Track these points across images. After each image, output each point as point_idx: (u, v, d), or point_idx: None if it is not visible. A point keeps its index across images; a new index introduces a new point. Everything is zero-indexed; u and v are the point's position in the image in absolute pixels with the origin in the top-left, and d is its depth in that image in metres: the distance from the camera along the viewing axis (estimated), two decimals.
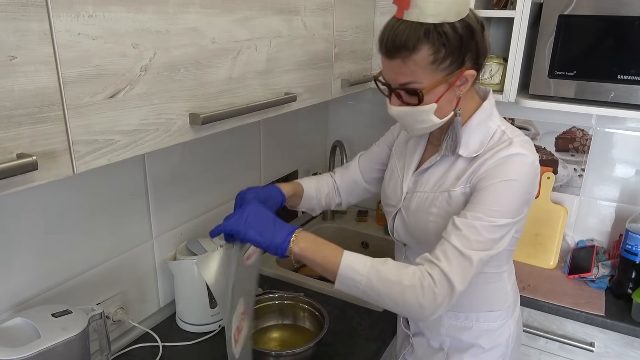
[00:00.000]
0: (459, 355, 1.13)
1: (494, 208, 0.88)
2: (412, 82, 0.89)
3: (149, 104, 0.77)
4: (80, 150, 0.68)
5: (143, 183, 1.21)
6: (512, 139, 0.94)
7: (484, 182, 0.91)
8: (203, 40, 0.86)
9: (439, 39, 0.86)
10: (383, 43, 0.90)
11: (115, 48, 0.70)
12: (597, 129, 1.65)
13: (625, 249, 1.49)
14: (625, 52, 1.30)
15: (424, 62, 0.87)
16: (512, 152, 0.91)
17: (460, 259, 0.86)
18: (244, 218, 0.92)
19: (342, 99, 2.05)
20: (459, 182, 0.97)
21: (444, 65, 0.88)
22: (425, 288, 0.85)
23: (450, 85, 0.91)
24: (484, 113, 0.98)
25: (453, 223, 0.89)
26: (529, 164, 0.92)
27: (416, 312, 0.87)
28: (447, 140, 0.97)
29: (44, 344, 0.85)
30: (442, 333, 1.13)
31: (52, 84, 0.63)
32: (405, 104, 0.93)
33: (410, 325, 1.20)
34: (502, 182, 0.89)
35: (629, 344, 1.42)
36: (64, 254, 1.05)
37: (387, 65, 0.91)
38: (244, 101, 0.99)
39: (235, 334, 0.96)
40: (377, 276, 0.86)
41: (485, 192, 0.90)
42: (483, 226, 0.87)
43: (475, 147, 0.96)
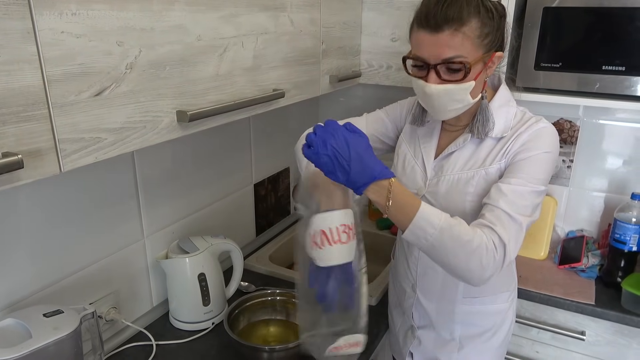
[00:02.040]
0: (471, 343, 1.15)
1: (535, 176, 0.93)
2: (459, 55, 0.89)
3: (135, 101, 0.78)
4: (66, 149, 0.68)
5: (133, 182, 1.21)
6: (535, 116, 1.01)
7: (523, 154, 0.95)
8: (189, 38, 0.86)
9: (486, 14, 0.89)
10: (430, 16, 0.89)
11: (99, 46, 0.70)
12: (585, 120, 1.67)
13: (614, 238, 1.51)
14: (609, 43, 1.32)
15: (473, 35, 0.89)
16: (542, 125, 0.98)
17: (512, 224, 0.88)
18: (324, 140, 0.80)
19: (333, 95, 2.05)
20: (494, 159, 0.99)
21: (487, 41, 0.91)
22: (489, 251, 0.86)
23: (485, 64, 0.94)
24: (504, 96, 1.03)
25: (498, 189, 0.92)
26: (556, 137, 0.99)
27: (474, 272, 0.86)
28: (477, 123, 1.00)
29: (36, 344, 0.85)
30: (454, 321, 1.14)
31: (36, 83, 0.63)
32: (445, 81, 0.92)
33: (415, 317, 1.19)
34: (541, 153, 0.95)
35: (619, 332, 1.44)
36: (55, 254, 1.05)
37: (429, 41, 0.90)
38: (231, 98, 0.99)
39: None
40: (450, 232, 0.84)
41: (526, 163, 0.94)
42: (527, 191, 0.91)
43: (501, 128, 1.00)
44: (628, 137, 1.63)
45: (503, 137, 1.00)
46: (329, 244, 0.86)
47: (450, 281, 1.11)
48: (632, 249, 1.48)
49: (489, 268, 0.86)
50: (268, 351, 1.11)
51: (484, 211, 0.91)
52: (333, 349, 0.91)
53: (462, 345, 1.15)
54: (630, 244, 1.47)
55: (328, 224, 0.87)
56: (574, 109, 1.66)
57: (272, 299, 1.30)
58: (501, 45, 0.96)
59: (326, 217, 0.87)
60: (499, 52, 0.95)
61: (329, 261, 0.87)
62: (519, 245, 0.89)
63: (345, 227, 0.87)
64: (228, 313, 1.19)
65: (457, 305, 1.12)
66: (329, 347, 0.91)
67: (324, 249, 0.87)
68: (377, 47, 1.57)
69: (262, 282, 1.52)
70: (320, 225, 0.86)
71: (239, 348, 1.14)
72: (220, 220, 1.54)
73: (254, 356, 1.13)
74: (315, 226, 0.86)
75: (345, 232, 0.87)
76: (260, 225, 1.77)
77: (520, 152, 0.96)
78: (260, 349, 1.12)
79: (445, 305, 1.13)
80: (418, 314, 1.19)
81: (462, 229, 0.85)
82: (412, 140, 1.14)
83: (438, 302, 1.14)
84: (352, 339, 0.92)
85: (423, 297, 1.16)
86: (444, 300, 1.13)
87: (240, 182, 1.63)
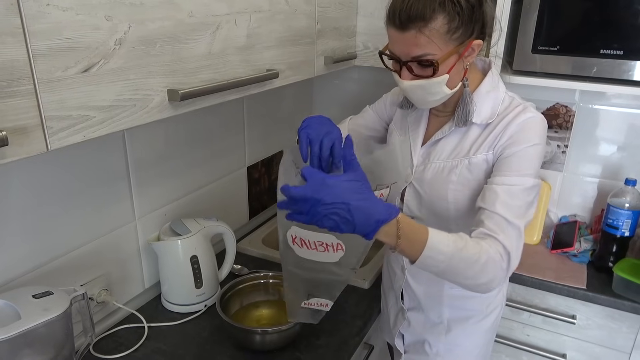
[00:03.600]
0: (460, 326, 1.15)
1: (524, 172, 0.92)
2: (426, 53, 0.89)
3: (124, 79, 0.75)
4: (53, 126, 0.66)
5: (124, 163, 1.19)
6: (523, 103, 0.99)
7: (511, 148, 0.94)
8: (180, 14, 0.84)
9: (453, 8, 0.87)
10: (396, 15, 0.88)
11: (87, 20, 0.68)
12: (581, 105, 1.66)
13: (606, 223, 1.51)
14: (608, 26, 1.30)
15: (439, 32, 0.87)
16: (529, 115, 0.95)
17: (512, 230, 0.88)
18: (313, 202, 0.73)
19: (327, 78, 2.03)
20: (479, 148, 0.99)
21: (457, 34, 0.89)
22: (497, 263, 0.86)
23: (460, 55, 0.92)
24: (492, 81, 1.01)
25: (492, 191, 0.91)
26: (544, 126, 0.97)
27: (483, 286, 0.87)
28: (457, 111, 0.99)
29: (25, 325, 0.84)
30: (443, 304, 1.14)
31: (21, 57, 0.61)
32: (417, 77, 0.92)
33: (405, 299, 1.20)
34: (530, 147, 0.93)
35: (609, 316, 1.45)
36: (44, 235, 1.04)
37: (398, 39, 0.90)
38: (224, 77, 0.97)
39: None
40: (459, 256, 0.83)
41: (515, 158, 0.93)
42: (520, 190, 0.90)
43: (488, 114, 0.99)
44: (623, 123, 1.63)
45: (490, 123, 0.99)
46: (307, 248, 0.92)
47: None
48: (625, 234, 1.48)
49: (496, 279, 0.87)
50: (260, 333, 1.10)
51: (482, 217, 0.90)
52: (306, 303, 1.03)
53: (450, 328, 1.16)
54: (623, 229, 1.48)
55: (307, 237, 0.91)
56: (570, 93, 1.66)
57: (264, 282, 1.29)
58: (481, 32, 0.93)
59: (304, 232, 0.90)
60: (478, 40, 0.92)
61: (304, 256, 0.93)
62: (520, 251, 0.89)
63: (323, 243, 0.91)
64: (220, 295, 1.19)
65: (445, 289, 1.13)
66: (303, 302, 1.03)
67: (302, 248, 0.93)
68: (373, 28, 1.55)
69: (254, 265, 1.51)
70: (300, 234, 0.90)
71: (232, 330, 1.13)
72: (213, 203, 1.53)
73: (247, 338, 1.12)
74: (294, 232, 0.90)
75: (323, 246, 0.91)
76: (253, 208, 1.76)
77: (508, 147, 0.94)
78: (252, 331, 1.11)
79: (434, 287, 1.14)
80: (408, 295, 1.19)
81: (470, 249, 0.84)
82: (403, 127, 1.14)
83: (427, 285, 1.15)
84: (322, 301, 1.04)
85: (412, 279, 1.16)
86: (432, 282, 1.13)
87: (234, 164, 1.61)
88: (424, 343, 1.19)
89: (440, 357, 1.18)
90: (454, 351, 1.17)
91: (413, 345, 1.22)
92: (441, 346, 1.17)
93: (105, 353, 1.12)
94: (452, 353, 1.17)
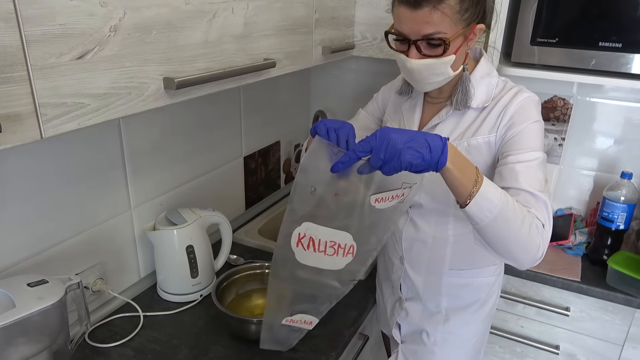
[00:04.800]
0: (457, 315, 1.16)
1: (533, 146, 0.94)
2: (438, 32, 0.90)
3: (120, 66, 0.75)
4: (47, 114, 0.66)
5: (120, 151, 1.18)
6: (517, 86, 1.02)
7: (515, 128, 0.96)
8: (176, 1, 0.82)
9: None
10: None
11: (81, 6, 0.67)
12: (578, 98, 1.66)
13: (602, 216, 1.52)
14: (607, 19, 1.29)
15: (452, 11, 0.89)
16: (526, 95, 0.99)
17: (541, 204, 0.88)
18: (388, 140, 0.76)
19: (325, 68, 2.02)
20: (477, 131, 1.00)
21: (466, 15, 0.91)
22: (539, 229, 0.85)
23: (465, 38, 0.94)
24: (485, 67, 1.04)
25: (512, 170, 0.91)
26: (539, 105, 1.01)
27: (531, 251, 0.84)
28: (456, 95, 1.01)
29: (19, 313, 0.83)
30: (441, 293, 1.15)
31: (14, 43, 0.60)
32: (425, 56, 0.93)
33: (403, 289, 1.21)
34: (532, 123, 0.96)
35: (603, 308, 1.46)
36: (39, 224, 1.03)
37: (409, 17, 0.91)
38: (221, 66, 0.96)
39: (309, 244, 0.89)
40: (513, 204, 0.82)
41: (521, 136, 0.95)
42: (536, 164, 0.92)
43: (483, 98, 1.01)
44: (620, 116, 1.63)
45: (485, 107, 1.01)
46: (313, 250, 0.89)
47: (437, 253, 1.12)
48: (620, 227, 1.49)
49: (541, 247, 0.85)
50: (256, 323, 1.10)
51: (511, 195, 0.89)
52: (288, 320, 0.98)
53: (448, 318, 1.16)
54: (618, 222, 1.49)
55: (319, 235, 0.88)
56: (568, 86, 1.65)
57: (260, 272, 1.29)
58: (483, 17, 0.97)
59: (319, 228, 0.87)
60: (480, 24, 0.96)
61: (306, 262, 0.90)
62: (552, 225, 0.89)
63: (335, 244, 0.88)
64: (216, 285, 1.19)
65: (443, 278, 1.13)
66: (285, 318, 0.98)
67: (307, 251, 0.89)
68: (371, 18, 1.54)
69: (251, 255, 1.51)
70: (312, 231, 0.87)
71: (227, 320, 1.14)
72: (210, 193, 1.53)
73: (242, 328, 1.13)
74: (305, 229, 0.87)
75: (333, 248, 0.88)
76: (249, 198, 1.76)
77: (511, 127, 0.97)
78: (247, 320, 1.12)
79: (432, 277, 1.14)
80: (406, 286, 1.20)
81: (517, 204, 0.83)
82: (396, 115, 1.15)
83: (425, 275, 1.15)
84: (307, 318, 0.99)
85: (411, 269, 1.16)
86: (431, 272, 1.14)
87: (231, 154, 1.60)
88: (422, 333, 1.20)
89: (438, 347, 1.18)
90: (452, 340, 1.18)
91: (410, 335, 1.23)
92: (439, 335, 1.18)
93: (101, 342, 1.12)
94: (449, 342, 1.18)
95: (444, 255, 1.11)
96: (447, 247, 1.10)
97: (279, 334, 1.03)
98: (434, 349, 1.19)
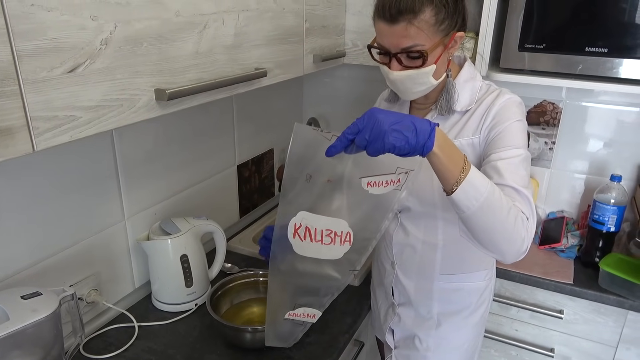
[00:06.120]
0: (449, 320, 1.17)
1: (516, 143, 0.95)
2: (416, 44, 0.92)
3: (111, 79, 0.75)
4: (39, 127, 0.66)
5: (113, 162, 1.18)
6: (499, 88, 1.04)
7: (498, 127, 0.98)
8: (167, 13, 0.83)
9: (440, 1, 0.91)
10: (386, 9, 0.91)
11: (72, 20, 0.68)
12: (567, 102, 1.68)
13: (593, 219, 1.53)
14: (592, 24, 1.32)
15: (428, 24, 0.91)
16: (508, 97, 1.01)
17: (524, 199, 0.89)
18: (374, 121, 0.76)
19: (317, 76, 2.03)
20: (460, 132, 1.02)
21: (443, 26, 0.93)
22: (524, 222, 0.85)
23: (445, 46, 0.96)
24: (469, 72, 1.06)
25: (494, 167, 0.92)
26: (523, 106, 1.03)
27: (516, 242, 0.84)
28: (441, 100, 1.03)
29: (13, 326, 0.84)
30: (433, 298, 1.16)
31: (5, 58, 0.61)
32: (406, 67, 0.96)
33: (395, 294, 1.21)
34: (514, 122, 0.97)
35: (596, 310, 1.47)
36: (33, 235, 1.03)
37: (388, 31, 0.93)
38: (212, 76, 0.97)
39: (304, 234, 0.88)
40: (499, 194, 0.83)
41: (504, 134, 0.97)
42: (519, 161, 0.93)
43: (467, 101, 1.03)
44: (609, 120, 1.65)
45: (469, 109, 1.03)
46: (310, 240, 0.89)
47: (427, 258, 1.13)
48: (610, 229, 1.50)
49: (526, 240, 0.85)
50: (251, 332, 1.11)
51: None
52: (290, 314, 0.99)
53: (440, 323, 1.17)
54: (609, 224, 1.50)
55: (315, 224, 0.88)
56: (557, 90, 1.67)
57: (255, 280, 1.30)
58: (462, 25, 0.99)
59: (314, 216, 0.87)
60: (460, 32, 0.98)
61: (304, 253, 0.90)
62: (535, 221, 0.89)
63: (331, 232, 0.88)
64: (211, 294, 1.19)
65: (434, 283, 1.14)
66: (288, 312, 0.99)
67: (304, 241, 0.89)
68: (362, 26, 1.55)
69: (245, 263, 1.52)
70: (308, 220, 0.87)
71: (222, 329, 1.14)
72: (203, 202, 1.53)
73: (237, 337, 1.13)
74: (301, 219, 0.87)
75: (330, 236, 0.89)
76: (243, 206, 1.76)
77: (495, 126, 0.98)
78: (242, 329, 1.12)
79: (424, 282, 1.15)
80: (398, 291, 1.20)
81: (502, 195, 0.84)
82: None
83: (417, 279, 1.16)
84: (310, 311, 1.00)
85: (402, 274, 1.17)
86: (422, 277, 1.15)
87: (224, 163, 1.61)
88: (414, 338, 1.20)
89: (431, 352, 1.19)
90: (444, 345, 1.19)
91: (403, 341, 1.24)
92: (431, 341, 1.18)
93: (95, 353, 1.12)
94: (441, 347, 1.19)
95: (434, 259, 1.12)
96: (437, 252, 1.11)
97: (283, 329, 1.04)
98: (426, 354, 1.19)
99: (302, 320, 1.03)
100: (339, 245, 0.90)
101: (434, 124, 0.79)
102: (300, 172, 0.86)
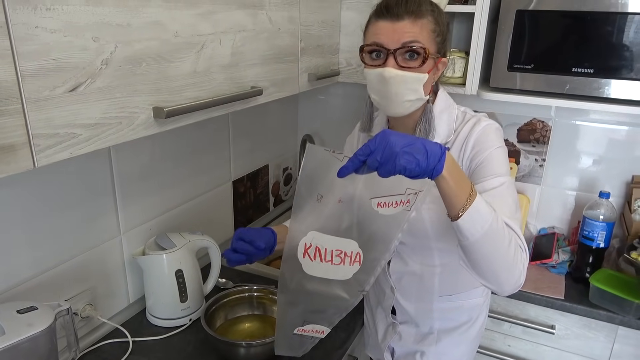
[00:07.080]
0: (449, 335, 1.18)
1: (498, 171, 0.96)
2: (417, 40, 0.93)
3: (110, 97, 0.78)
4: (40, 144, 0.68)
5: (109, 178, 1.20)
6: (475, 115, 1.05)
7: (479, 156, 0.98)
8: (165, 34, 0.86)
9: (439, 16, 0.96)
10: (390, 8, 0.94)
11: (75, 41, 0.70)
12: (556, 120, 1.72)
13: (582, 235, 1.56)
14: (579, 45, 1.36)
15: (428, 29, 0.94)
16: (485, 124, 1.01)
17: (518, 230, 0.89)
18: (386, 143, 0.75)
19: (312, 93, 2.07)
20: None
21: (438, 39, 0.96)
22: (521, 252, 0.86)
23: (435, 64, 0.98)
24: (444, 101, 1.05)
25: None
26: (501, 132, 1.03)
27: (515, 273, 0.85)
28: (420, 125, 1.02)
29: (9, 340, 0.84)
30: (433, 317, 1.17)
31: (9, 77, 0.63)
32: (403, 68, 0.95)
33: (397, 314, 1.21)
34: (494, 149, 0.98)
35: (587, 325, 1.49)
36: (29, 250, 1.04)
37: (390, 28, 0.94)
38: (209, 95, 0.99)
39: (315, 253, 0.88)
40: (502, 222, 0.83)
41: (486, 163, 0.97)
42: (503, 189, 0.94)
43: (445, 133, 1.04)
44: (598, 137, 1.68)
45: (447, 142, 1.03)
46: (320, 260, 0.89)
47: (426, 284, 1.14)
48: (600, 245, 1.53)
49: (523, 272, 0.86)
50: (245, 346, 1.11)
51: None
52: (299, 330, 0.98)
53: (440, 338, 1.18)
54: (598, 240, 1.52)
55: (325, 244, 0.88)
56: (547, 109, 1.71)
57: (249, 295, 1.30)
58: (445, 52, 1.00)
59: (324, 237, 0.87)
60: (444, 59, 1.00)
61: (313, 273, 0.90)
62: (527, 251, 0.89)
63: (341, 252, 0.88)
64: (205, 309, 1.20)
65: (434, 304, 1.16)
66: (297, 328, 0.98)
67: (314, 262, 0.89)
68: (356, 46, 1.57)
69: (240, 278, 1.52)
70: (318, 240, 0.87)
71: (216, 344, 1.14)
72: (199, 217, 1.54)
73: (232, 352, 1.13)
74: (311, 239, 0.87)
75: (340, 257, 0.88)
76: (239, 222, 1.77)
77: (475, 156, 0.98)
78: (237, 344, 1.12)
79: (424, 304, 1.17)
80: (399, 311, 1.21)
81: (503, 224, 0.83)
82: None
83: (417, 302, 1.17)
84: (318, 327, 0.99)
85: (402, 297, 1.18)
86: (422, 300, 1.16)
87: (219, 178, 1.63)
88: (415, 354, 1.21)
89: None
90: None
91: (404, 357, 1.25)
92: (431, 356, 1.20)
93: None
94: None
95: (433, 284, 1.13)
96: (435, 277, 1.12)
97: (293, 341, 1.03)
98: None
99: (311, 336, 1.02)
100: (348, 265, 0.89)
101: (444, 148, 0.78)
102: (311, 192, 0.86)
